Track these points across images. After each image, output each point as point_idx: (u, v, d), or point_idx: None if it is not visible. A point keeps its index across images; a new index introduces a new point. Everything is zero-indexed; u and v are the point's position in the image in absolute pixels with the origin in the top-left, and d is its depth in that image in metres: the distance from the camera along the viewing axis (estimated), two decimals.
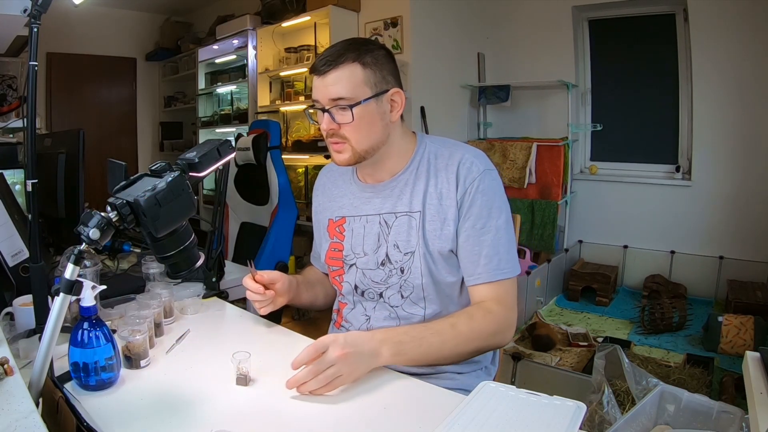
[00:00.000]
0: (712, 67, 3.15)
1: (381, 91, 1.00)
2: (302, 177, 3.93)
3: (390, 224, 1.07)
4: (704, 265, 3.25)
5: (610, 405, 1.45)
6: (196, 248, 0.86)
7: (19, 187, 1.78)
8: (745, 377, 0.87)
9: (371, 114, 1.00)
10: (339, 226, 1.15)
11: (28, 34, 0.91)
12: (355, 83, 0.97)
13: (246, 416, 0.80)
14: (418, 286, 1.04)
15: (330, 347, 0.85)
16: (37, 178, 0.95)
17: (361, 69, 0.98)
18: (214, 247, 1.38)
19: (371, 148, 1.03)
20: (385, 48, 1.05)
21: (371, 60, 0.99)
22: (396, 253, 1.06)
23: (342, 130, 1.00)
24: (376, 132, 1.02)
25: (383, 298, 1.09)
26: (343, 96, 0.97)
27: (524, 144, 3.52)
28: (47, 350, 0.75)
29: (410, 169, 1.08)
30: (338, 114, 0.99)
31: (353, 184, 1.15)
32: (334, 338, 0.87)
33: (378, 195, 1.10)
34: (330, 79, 0.97)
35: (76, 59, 5.10)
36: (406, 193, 1.06)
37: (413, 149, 1.10)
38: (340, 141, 1.02)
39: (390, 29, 3.36)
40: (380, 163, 1.08)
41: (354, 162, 1.04)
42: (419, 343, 0.93)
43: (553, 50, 3.72)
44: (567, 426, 0.69)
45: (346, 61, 0.97)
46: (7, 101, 3.19)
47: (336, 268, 1.15)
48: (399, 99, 1.04)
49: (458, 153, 1.05)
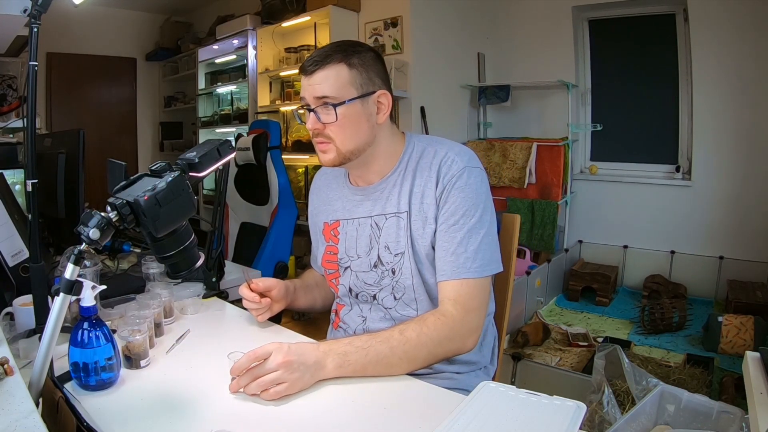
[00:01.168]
0: (712, 67, 3.15)
1: (367, 93, 1.01)
2: (302, 177, 3.93)
3: (381, 226, 1.07)
4: (704, 265, 3.25)
5: (610, 405, 1.45)
6: (197, 248, 0.86)
7: (19, 187, 1.78)
8: (745, 377, 0.87)
9: (356, 114, 1.00)
10: (334, 230, 1.15)
11: (28, 34, 0.91)
12: (341, 83, 0.98)
13: (246, 416, 0.80)
14: (409, 286, 1.04)
15: (273, 354, 0.84)
16: (37, 178, 0.95)
17: (347, 69, 0.98)
18: (214, 247, 1.38)
19: (356, 149, 1.03)
20: (374, 50, 1.05)
21: (358, 61, 0.99)
22: (387, 255, 1.06)
23: (327, 129, 1.01)
24: (362, 133, 1.02)
25: (377, 300, 1.09)
26: (328, 95, 0.98)
27: (524, 144, 3.52)
28: (47, 350, 0.75)
29: (398, 170, 1.08)
30: (323, 113, 0.99)
31: (345, 188, 1.16)
32: (279, 346, 0.86)
33: (368, 198, 1.10)
34: (316, 78, 0.99)
35: (76, 59, 5.10)
36: (394, 194, 1.07)
37: (402, 150, 1.09)
38: (325, 141, 1.02)
39: (390, 29, 3.36)
40: (368, 165, 1.08)
41: (339, 162, 1.04)
42: (365, 352, 0.90)
43: (553, 50, 3.72)
44: (567, 426, 0.69)
45: (333, 62, 0.98)
46: (7, 101, 3.18)
47: (332, 271, 1.15)
48: (386, 101, 1.03)
49: (442, 150, 1.04)
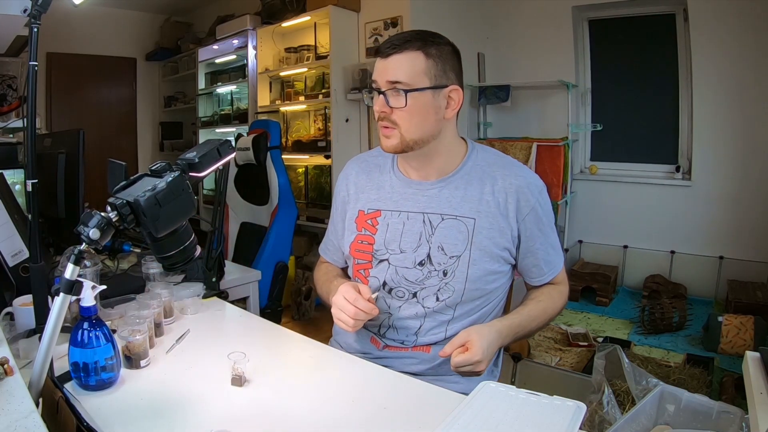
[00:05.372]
0: (712, 67, 3.15)
1: (440, 85, 1.00)
2: (302, 177, 3.93)
3: (435, 225, 1.05)
4: (704, 265, 3.25)
5: (610, 405, 1.45)
6: (197, 248, 0.86)
7: (19, 187, 1.78)
8: (745, 377, 0.87)
9: (425, 104, 1.00)
10: (372, 219, 1.11)
11: (28, 34, 0.91)
12: (415, 71, 0.98)
13: (246, 416, 0.80)
14: (459, 290, 1.03)
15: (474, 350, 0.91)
16: (37, 178, 0.95)
17: (423, 58, 0.98)
18: (214, 247, 1.38)
19: (420, 140, 1.02)
20: (453, 45, 1.05)
21: (435, 52, 0.99)
22: (440, 255, 1.04)
23: (394, 115, 1.00)
24: (428, 124, 1.01)
25: (416, 298, 1.06)
26: (401, 80, 0.97)
27: (524, 144, 3.52)
28: (47, 350, 0.75)
29: (461, 173, 1.07)
30: (393, 97, 0.99)
31: (394, 178, 1.12)
32: (480, 348, 0.92)
33: (423, 193, 1.08)
34: (391, 62, 0.99)
35: (76, 59, 5.10)
36: (456, 197, 1.05)
37: (464, 152, 1.09)
38: (390, 126, 1.01)
39: (390, 29, 3.36)
40: (429, 158, 1.07)
41: (401, 150, 1.03)
42: (528, 327, 1.05)
43: (553, 50, 3.72)
44: (567, 426, 0.69)
45: (410, 48, 0.98)
46: (7, 101, 3.18)
47: (362, 261, 1.11)
48: (457, 97, 1.03)
49: (514, 166, 1.08)
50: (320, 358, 1.04)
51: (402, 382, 0.92)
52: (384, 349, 1.09)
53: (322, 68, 3.63)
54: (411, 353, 1.07)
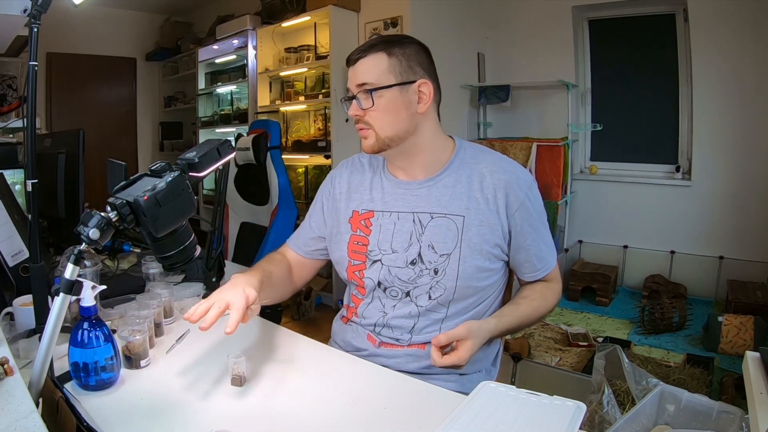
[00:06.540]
0: (712, 67, 3.15)
1: (406, 81, 1.02)
2: (302, 177, 3.93)
3: (425, 224, 1.06)
4: (704, 265, 3.25)
5: (610, 405, 1.45)
6: (197, 248, 0.86)
7: (19, 187, 1.78)
8: (745, 377, 0.87)
9: (394, 101, 1.02)
10: (365, 220, 1.12)
11: (28, 34, 0.91)
12: (380, 70, 1.02)
13: (246, 417, 0.80)
14: (450, 288, 1.03)
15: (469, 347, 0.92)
16: (37, 178, 0.95)
17: (386, 57, 1.02)
18: (214, 247, 1.38)
19: (396, 136, 1.04)
20: (420, 43, 1.07)
21: (399, 50, 1.03)
22: (430, 254, 1.04)
23: (367, 116, 1.04)
24: (401, 120, 1.03)
25: (410, 297, 1.07)
26: (367, 81, 1.02)
27: (524, 144, 3.52)
28: (47, 350, 0.75)
29: (449, 171, 1.08)
30: (363, 99, 1.03)
31: (385, 179, 1.14)
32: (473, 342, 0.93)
33: (412, 192, 1.09)
34: (358, 66, 1.04)
35: (76, 59, 5.10)
36: (445, 195, 1.06)
37: (452, 150, 1.10)
38: (365, 127, 1.05)
39: (390, 29, 3.36)
40: (411, 156, 1.08)
41: (378, 149, 1.06)
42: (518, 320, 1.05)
43: (553, 50, 3.72)
44: (567, 426, 0.69)
45: (374, 51, 1.03)
46: (7, 101, 3.18)
47: (357, 262, 1.12)
48: (427, 90, 1.04)
49: (503, 162, 1.08)
50: (320, 358, 1.04)
51: (402, 382, 0.92)
52: (380, 346, 1.09)
53: (322, 68, 3.63)
54: (407, 351, 1.07)
